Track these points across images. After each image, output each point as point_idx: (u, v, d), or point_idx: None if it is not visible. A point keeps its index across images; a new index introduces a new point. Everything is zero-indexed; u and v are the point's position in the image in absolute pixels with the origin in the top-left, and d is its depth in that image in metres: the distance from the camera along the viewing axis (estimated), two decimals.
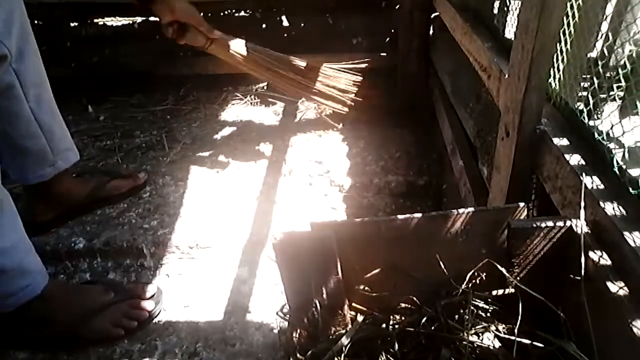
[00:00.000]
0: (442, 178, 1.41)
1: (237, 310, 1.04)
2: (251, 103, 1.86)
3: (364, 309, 0.68)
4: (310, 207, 1.33)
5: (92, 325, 0.97)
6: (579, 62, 0.74)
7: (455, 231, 0.64)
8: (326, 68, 1.61)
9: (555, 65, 0.77)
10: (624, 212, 0.56)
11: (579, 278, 0.54)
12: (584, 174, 0.61)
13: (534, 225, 0.60)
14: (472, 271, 0.62)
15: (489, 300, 0.64)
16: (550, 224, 0.60)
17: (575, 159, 0.65)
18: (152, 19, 1.97)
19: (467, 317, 0.60)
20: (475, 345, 0.59)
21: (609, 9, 0.73)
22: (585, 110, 0.69)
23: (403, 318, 0.65)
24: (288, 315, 0.69)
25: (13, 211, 0.93)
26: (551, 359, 0.56)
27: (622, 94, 0.67)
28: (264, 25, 1.95)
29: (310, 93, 1.60)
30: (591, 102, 0.68)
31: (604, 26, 0.74)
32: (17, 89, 1.02)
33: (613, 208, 0.57)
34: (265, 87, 1.83)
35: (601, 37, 0.72)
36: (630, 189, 0.58)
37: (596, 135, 0.66)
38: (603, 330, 0.52)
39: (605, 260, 0.55)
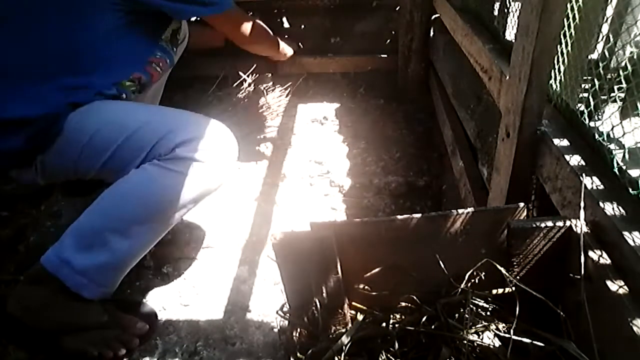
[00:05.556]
0: (442, 179, 1.41)
1: (237, 309, 1.04)
2: (251, 104, 1.86)
3: (364, 308, 0.68)
4: (310, 207, 1.34)
5: (73, 340, 0.93)
6: (579, 63, 0.74)
7: (455, 231, 0.64)
8: None
9: (556, 66, 0.78)
10: (623, 212, 0.57)
11: (578, 277, 0.54)
12: (583, 175, 0.62)
13: (534, 226, 0.60)
14: (472, 270, 0.63)
15: (489, 299, 0.64)
16: (550, 224, 0.60)
17: (575, 160, 0.66)
18: None
19: (467, 316, 0.60)
20: (475, 344, 0.59)
21: (609, 11, 0.73)
22: (585, 111, 0.70)
23: (403, 317, 0.65)
24: (288, 315, 0.69)
25: None
26: (551, 358, 0.56)
27: (622, 95, 0.67)
28: None
29: None
30: (592, 103, 0.68)
31: (605, 28, 0.74)
32: None
33: (613, 208, 0.57)
34: (266, 88, 1.83)
35: (602, 39, 0.72)
36: (630, 190, 0.58)
37: (596, 136, 0.67)
38: (603, 329, 0.52)
39: (605, 260, 0.55)
